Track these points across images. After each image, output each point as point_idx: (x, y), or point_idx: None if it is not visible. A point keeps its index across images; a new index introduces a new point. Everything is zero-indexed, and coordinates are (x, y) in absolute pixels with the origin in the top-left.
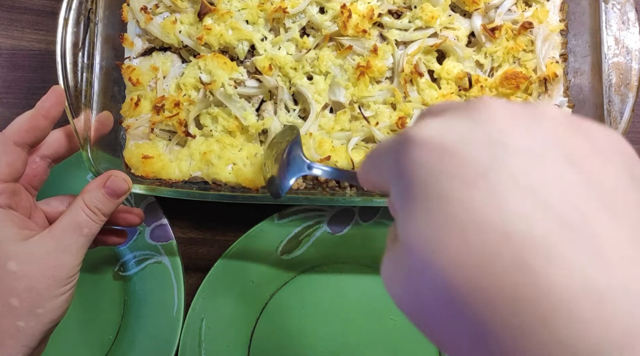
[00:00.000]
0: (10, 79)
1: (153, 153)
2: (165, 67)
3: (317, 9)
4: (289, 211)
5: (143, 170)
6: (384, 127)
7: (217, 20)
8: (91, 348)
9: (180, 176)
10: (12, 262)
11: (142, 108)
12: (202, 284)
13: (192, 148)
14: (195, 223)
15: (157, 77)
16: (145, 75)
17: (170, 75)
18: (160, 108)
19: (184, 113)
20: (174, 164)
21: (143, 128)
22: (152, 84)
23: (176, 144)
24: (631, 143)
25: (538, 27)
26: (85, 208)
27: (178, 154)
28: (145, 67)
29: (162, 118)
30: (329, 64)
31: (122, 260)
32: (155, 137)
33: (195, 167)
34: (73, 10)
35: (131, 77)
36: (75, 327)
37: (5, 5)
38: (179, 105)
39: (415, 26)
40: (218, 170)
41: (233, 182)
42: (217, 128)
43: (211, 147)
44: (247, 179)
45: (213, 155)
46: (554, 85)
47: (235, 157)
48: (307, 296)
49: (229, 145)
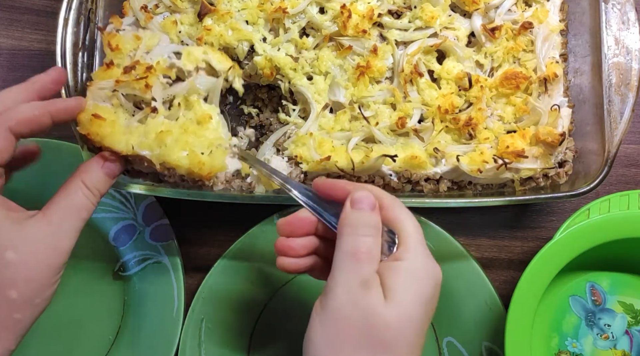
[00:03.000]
0: (11, 79)
1: (106, 117)
2: (151, 42)
3: (317, 9)
4: (289, 211)
5: (88, 129)
6: (384, 127)
7: (217, 21)
8: (91, 348)
9: (125, 149)
10: (10, 251)
11: (114, 73)
12: (202, 284)
13: (150, 126)
14: (195, 223)
15: (138, 47)
16: (126, 44)
17: (155, 52)
18: (130, 69)
19: (153, 80)
20: (124, 136)
21: (107, 91)
22: (131, 55)
23: (138, 121)
24: (631, 143)
25: (538, 27)
26: (85, 189)
27: (134, 129)
28: (129, 36)
29: (128, 78)
30: (329, 64)
31: (122, 260)
32: (120, 107)
33: (144, 144)
34: (73, 10)
35: (110, 42)
36: (75, 327)
37: (5, 5)
38: (150, 70)
39: (415, 26)
40: (169, 152)
41: (184, 167)
42: (187, 115)
43: (171, 128)
44: (200, 163)
45: (170, 137)
46: (554, 85)
47: (195, 143)
48: (306, 297)
49: (192, 133)
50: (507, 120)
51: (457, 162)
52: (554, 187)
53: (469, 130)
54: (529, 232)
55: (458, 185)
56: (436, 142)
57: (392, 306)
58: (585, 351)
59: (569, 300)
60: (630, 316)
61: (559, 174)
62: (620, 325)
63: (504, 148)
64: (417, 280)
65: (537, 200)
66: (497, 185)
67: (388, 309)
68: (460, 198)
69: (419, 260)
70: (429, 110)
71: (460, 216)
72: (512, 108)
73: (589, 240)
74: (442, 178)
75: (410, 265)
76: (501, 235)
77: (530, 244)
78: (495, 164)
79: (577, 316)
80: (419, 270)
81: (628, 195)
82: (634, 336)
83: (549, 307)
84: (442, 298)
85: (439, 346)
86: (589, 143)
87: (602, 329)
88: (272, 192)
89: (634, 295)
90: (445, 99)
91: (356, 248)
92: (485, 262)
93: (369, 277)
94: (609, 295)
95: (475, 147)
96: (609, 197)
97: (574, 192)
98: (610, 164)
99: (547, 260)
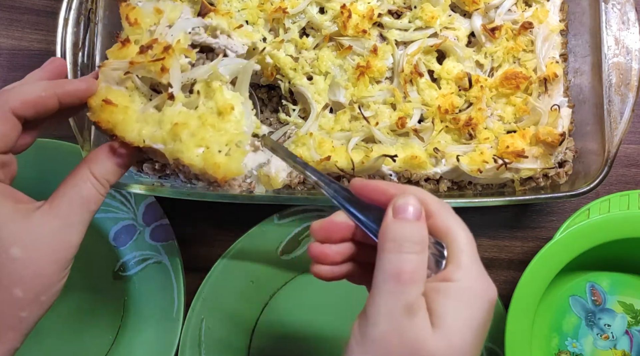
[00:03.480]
0: (11, 79)
1: (119, 102)
2: (173, 14)
3: (317, 9)
4: (289, 211)
5: (99, 116)
6: (384, 127)
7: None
8: (91, 348)
9: (136, 139)
10: (16, 247)
11: (130, 51)
12: (202, 284)
13: (165, 116)
14: (196, 223)
15: (159, 22)
16: (146, 17)
17: (177, 27)
18: (146, 49)
19: (171, 62)
20: (137, 125)
21: (120, 73)
22: (152, 29)
23: (154, 107)
24: (631, 143)
25: (538, 27)
26: (94, 180)
27: (149, 116)
28: (149, 8)
29: (144, 59)
30: (329, 64)
31: (122, 260)
32: (135, 90)
33: (158, 136)
34: (73, 10)
35: (128, 15)
36: (75, 327)
37: (5, 5)
38: (168, 51)
39: (415, 26)
40: (184, 148)
41: (198, 167)
42: (207, 104)
43: (188, 120)
44: (216, 165)
45: (186, 131)
46: (554, 85)
47: (213, 139)
48: (307, 297)
49: (210, 126)
50: (507, 120)
51: (457, 162)
52: (554, 187)
53: (469, 130)
54: (529, 232)
55: (458, 185)
56: (436, 142)
57: (441, 336)
58: (585, 351)
59: (569, 300)
60: (630, 316)
61: (559, 174)
62: (620, 325)
63: (504, 148)
64: (469, 304)
65: (537, 200)
66: (497, 185)
67: (436, 340)
68: (460, 198)
69: (471, 280)
70: (429, 110)
71: (460, 216)
72: (512, 108)
73: (589, 240)
74: (442, 178)
75: (462, 286)
76: (501, 235)
77: (530, 244)
78: (495, 164)
79: (577, 316)
80: (471, 292)
81: (628, 195)
82: (634, 336)
83: (549, 307)
84: None
85: None
86: (589, 143)
87: (602, 329)
88: (272, 191)
89: (634, 295)
90: (445, 99)
91: (399, 268)
92: (485, 261)
93: (414, 302)
94: (609, 295)
95: (475, 147)
96: (609, 197)
97: (574, 192)
98: (610, 164)
99: (547, 260)
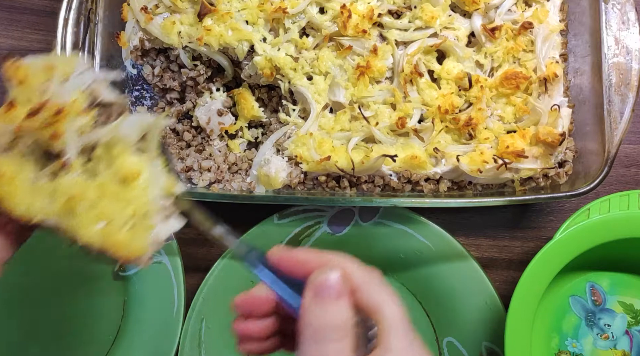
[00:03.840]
0: None
1: (4, 172)
2: (68, 69)
3: (317, 9)
4: (289, 211)
5: None
6: (384, 127)
7: (217, 21)
8: (91, 348)
9: (25, 215)
10: None
11: (17, 115)
12: (202, 284)
13: (60, 186)
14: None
15: (52, 78)
16: (35, 75)
17: (71, 84)
18: (35, 113)
19: (64, 127)
20: (27, 197)
21: (6, 139)
22: (45, 87)
23: (49, 176)
24: (631, 143)
25: (538, 27)
26: None
27: (39, 188)
28: (39, 65)
29: (32, 124)
30: (329, 64)
31: None
32: (22, 158)
33: (51, 210)
34: (73, 10)
35: (14, 75)
36: (75, 327)
37: (5, 5)
38: (61, 113)
39: (415, 26)
40: (81, 224)
41: (96, 244)
42: (109, 171)
43: (86, 191)
44: (119, 243)
45: (82, 203)
46: (554, 85)
47: (115, 212)
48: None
49: (112, 196)
50: (507, 120)
51: (457, 162)
52: (554, 187)
53: (469, 130)
54: (529, 232)
55: (458, 185)
56: (436, 142)
57: None
58: (585, 351)
59: (569, 300)
60: (630, 316)
61: (559, 174)
62: (620, 325)
63: (504, 148)
64: None
65: (537, 200)
66: (497, 185)
67: None
68: (460, 198)
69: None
70: (429, 110)
71: (460, 216)
72: (512, 108)
73: (589, 240)
74: (442, 178)
75: None
76: (501, 235)
77: (530, 244)
78: (495, 164)
79: (577, 316)
80: None
81: (628, 195)
82: (634, 336)
83: (549, 307)
84: (442, 298)
85: (439, 346)
86: (589, 143)
87: (602, 329)
88: (272, 191)
89: (634, 295)
90: (445, 99)
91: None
92: (485, 261)
93: None
94: (609, 295)
95: (475, 147)
96: (609, 197)
97: (574, 192)
98: (610, 164)
99: (547, 260)
